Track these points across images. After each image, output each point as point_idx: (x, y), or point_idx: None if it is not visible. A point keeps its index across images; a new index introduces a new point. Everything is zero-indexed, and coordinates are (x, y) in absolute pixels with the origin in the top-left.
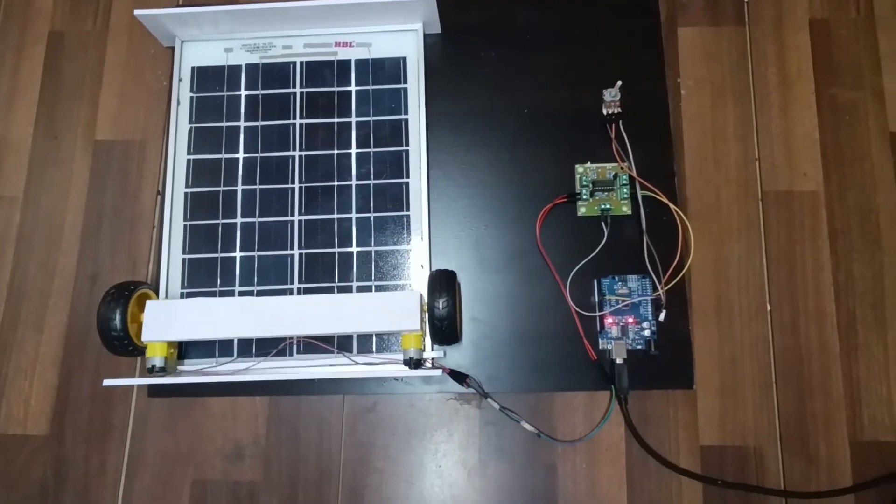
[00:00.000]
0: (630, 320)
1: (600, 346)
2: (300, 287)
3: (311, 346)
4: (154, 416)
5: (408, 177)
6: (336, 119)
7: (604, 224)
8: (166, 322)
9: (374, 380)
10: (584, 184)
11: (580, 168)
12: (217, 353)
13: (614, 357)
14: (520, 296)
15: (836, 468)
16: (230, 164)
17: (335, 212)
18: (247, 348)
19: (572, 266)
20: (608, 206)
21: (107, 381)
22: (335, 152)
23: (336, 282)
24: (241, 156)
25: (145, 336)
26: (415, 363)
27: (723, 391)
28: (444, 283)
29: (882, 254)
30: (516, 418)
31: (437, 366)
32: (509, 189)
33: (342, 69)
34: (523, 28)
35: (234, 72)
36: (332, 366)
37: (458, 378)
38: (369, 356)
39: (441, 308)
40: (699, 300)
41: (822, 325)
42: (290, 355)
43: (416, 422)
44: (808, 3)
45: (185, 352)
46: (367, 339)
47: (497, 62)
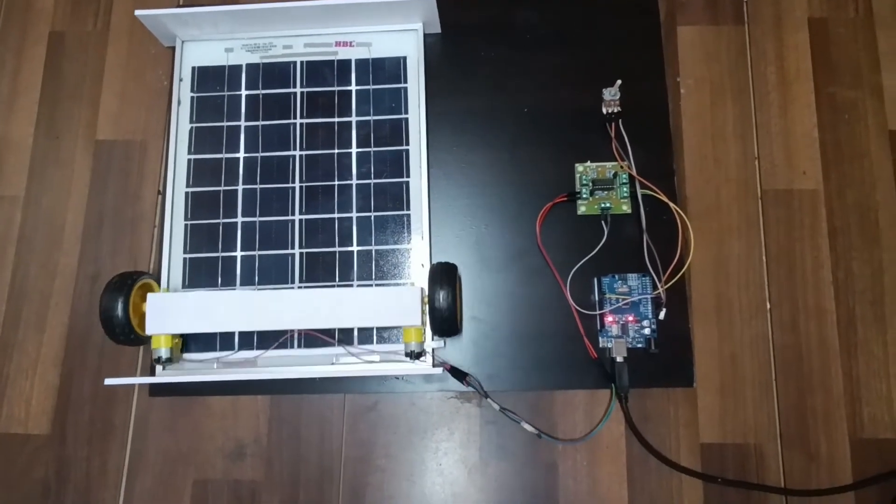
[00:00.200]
0: (630, 319)
1: (601, 345)
2: (301, 286)
3: (312, 340)
4: (155, 416)
5: (408, 176)
6: (336, 119)
7: (604, 223)
8: (169, 315)
9: (375, 378)
10: (584, 183)
11: (580, 167)
12: (218, 348)
13: (615, 355)
14: (520, 294)
15: (836, 466)
16: (231, 164)
17: (336, 211)
18: (248, 342)
19: (572, 265)
20: (608, 205)
21: (108, 381)
22: (335, 152)
23: (337, 281)
24: (241, 155)
25: (149, 329)
26: (416, 355)
27: (723, 389)
28: (444, 276)
29: (881, 251)
30: (516, 419)
31: (438, 363)
32: (509, 188)
33: (342, 69)
34: (523, 28)
35: (234, 72)
36: (333, 364)
37: (459, 376)
38: (369, 347)
39: (441, 300)
40: (699, 298)
41: (822, 322)
42: (291, 348)
43: (417, 420)
44: (806, 2)
45: (186, 346)
46: (367, 332)
47: (497, 62)
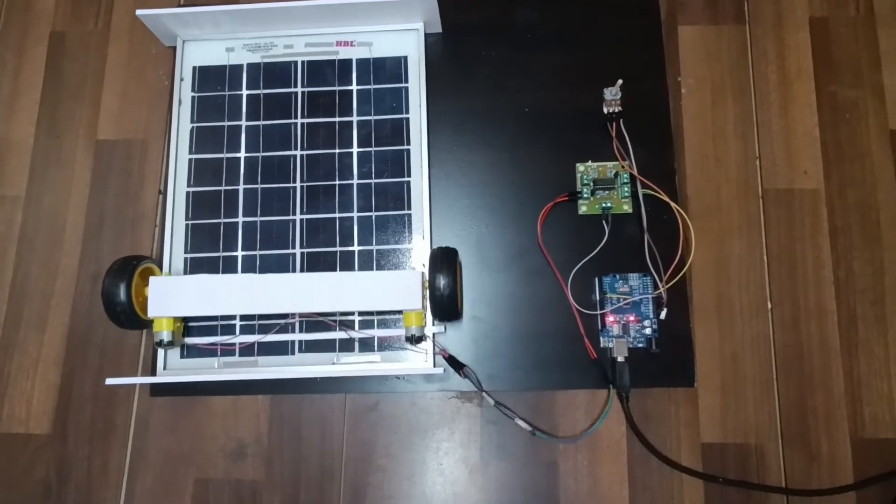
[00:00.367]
0: (631, 318)
1: (602, 345)
2: None
3: (313, 325)
4: (156, 416)
5: (409, 176)
6: (337, 118)
7: (605, 222)
8: (171, 298)
9: (376, 378)
10: (585, 182)
11: (581, 167)
12: (219, 333)
13: (615, 355)
14: (521, 294)
15: (837, 465)
16: (232, 164)
17: (337, 211)
18: (248, 329)
19: (573, 264)
20: (609, 205)
21: (109, 381)
22: (336, 151)
23: None
24: (242, 155)
25: (151, 312)
26: (416, 340)
27: (724, 389)
28: (445, 259)
29: (882, 251)
30: (510, 415)
31: (437, 351)
32: (510, 188)
33: (343, 68)
34: (523, 28)
35: (235, 71)
36: (334, 364)
37: (456, 365)
38: (370, 332)
39: (442, 283)
40: (700, 298)
41: (823, 322)
42: (293, 332)
43: (418, 420)
44: (807, 1)
45: (187, 332)
46: (368, 317)
47: (497, 62)
